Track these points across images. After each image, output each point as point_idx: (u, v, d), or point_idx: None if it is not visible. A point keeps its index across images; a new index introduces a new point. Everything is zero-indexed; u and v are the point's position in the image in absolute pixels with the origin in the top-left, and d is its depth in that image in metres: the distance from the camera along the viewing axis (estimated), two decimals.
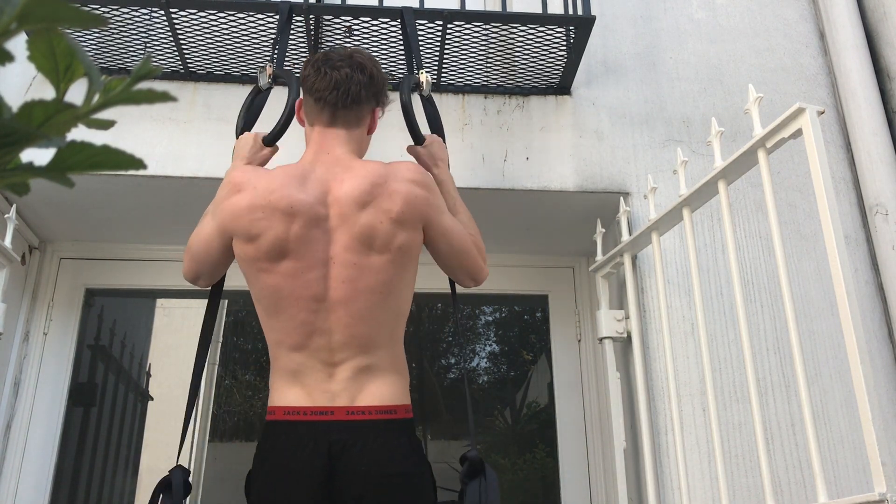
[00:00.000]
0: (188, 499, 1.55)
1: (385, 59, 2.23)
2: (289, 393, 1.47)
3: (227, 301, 2.59)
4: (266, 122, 1.90)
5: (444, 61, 2.21)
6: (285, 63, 2.06)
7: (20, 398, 2.30)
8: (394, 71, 2.27)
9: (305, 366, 1.47)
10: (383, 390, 1.47)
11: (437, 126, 1.89)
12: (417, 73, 1.88)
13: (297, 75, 1.77)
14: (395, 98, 1.81)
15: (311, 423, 1.43)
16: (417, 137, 1.81)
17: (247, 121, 1.86)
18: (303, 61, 2.20)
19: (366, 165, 1.53)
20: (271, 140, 1.77)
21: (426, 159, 1.79)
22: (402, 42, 2.11)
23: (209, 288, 1.71)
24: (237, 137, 1.84)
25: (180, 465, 1.57)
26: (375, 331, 1.49)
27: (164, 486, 1.52)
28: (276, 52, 1.95)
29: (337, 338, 1.47)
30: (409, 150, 1.82)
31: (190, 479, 1.56)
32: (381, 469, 1.41)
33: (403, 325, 1.57)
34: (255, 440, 1.52)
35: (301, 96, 1.68)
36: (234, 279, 1.70)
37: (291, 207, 1.46)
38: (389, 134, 2.07)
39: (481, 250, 1.69)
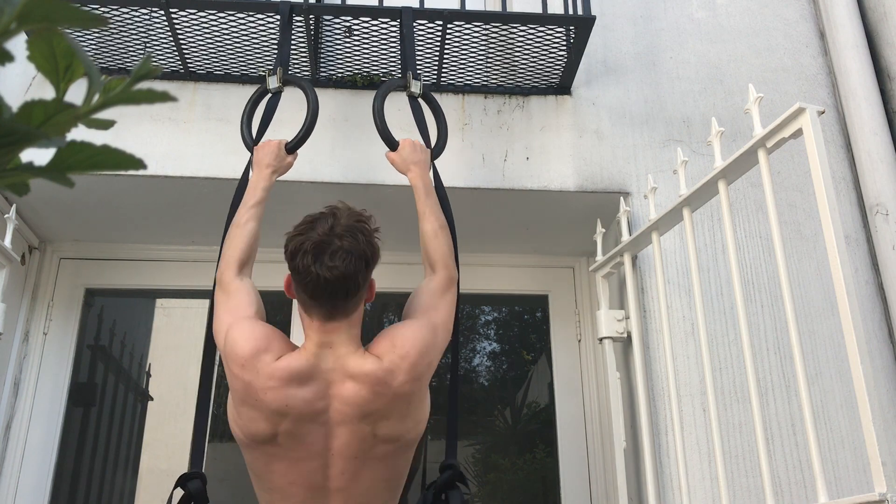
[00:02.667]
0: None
1: (385, 59, 2.23)
2: None
3: None
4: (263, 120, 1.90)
5: (444, 61, 2.21)
6: (288, 64, 2.05)
7: (20, 398, 2.30)
8: (394, 72, 2.27)
9: None
10: None
11: (421, 127, 1.93)
12: (406, 75, 1.93)
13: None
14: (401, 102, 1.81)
15: None
16: (390, 143, 1.86)
17: (261, 126, 1.90)
18: (303, 63, 2.21)
19: (363, 366, 1.43)
20: (293, 148, 1.83)
21: (399, 165, 1.84)
22: (401, 43, 2.11)
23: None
24: (247, 142, 1.87)
25: (200, 473, 1.60)
26: (376, 500, 1.48)
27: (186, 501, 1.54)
28: (282, 55, 1.96)
29: None
30: (386, 156, 1.88)
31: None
32: None
33: (399, 496, 1.55)
34: None
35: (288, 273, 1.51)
36: None
37: (286, 407, 1.40)
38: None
39: (449, 272, 1.68)
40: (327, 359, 1.44)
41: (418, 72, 2.03)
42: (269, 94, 1.94)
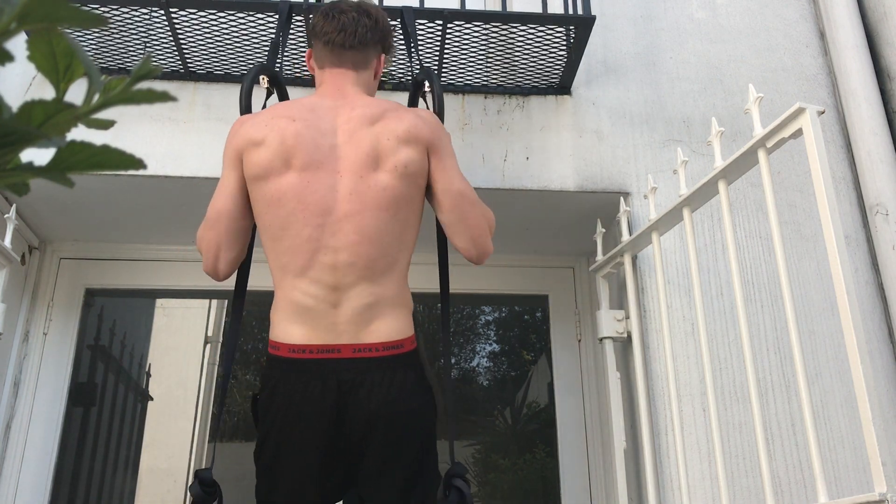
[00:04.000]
0: (188, 499, 1.56)
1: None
2: (293, 329, 1.46)
3: (226, 301, 2.59)
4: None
5: (444, 61, 2.21)
6: (285, 62, 2.05)
7: (20, 398, 2.30)
8: (394, 71, 2.27)
9: (309, 295, 1.46)
10: (389, 325, 1.47)
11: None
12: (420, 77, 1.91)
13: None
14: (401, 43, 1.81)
15: (317, 362, 1.43)
16: None
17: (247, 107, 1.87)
18: (303, 63, 2.20)
19: (373, 101, 1.61)
20: None
21: None
22: (402, 42, 2.11)
23: (226, 281, 1.68)
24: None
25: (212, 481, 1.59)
26: (381, 253, 1.48)
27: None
28: (279, 54, 1.95)
29: (343, 257, 1.46)
30: None
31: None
32: (389, 408, 1.43)
33: (409, 256, 1.56)
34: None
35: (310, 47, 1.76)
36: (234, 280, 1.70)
37: (293, 120, 1.53)
38: None
39: (490, 220, 1.65)
40: (333, 95, 1.60)
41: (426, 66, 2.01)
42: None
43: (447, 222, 1.59)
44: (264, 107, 1.87)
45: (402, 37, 2.03)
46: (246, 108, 1.81)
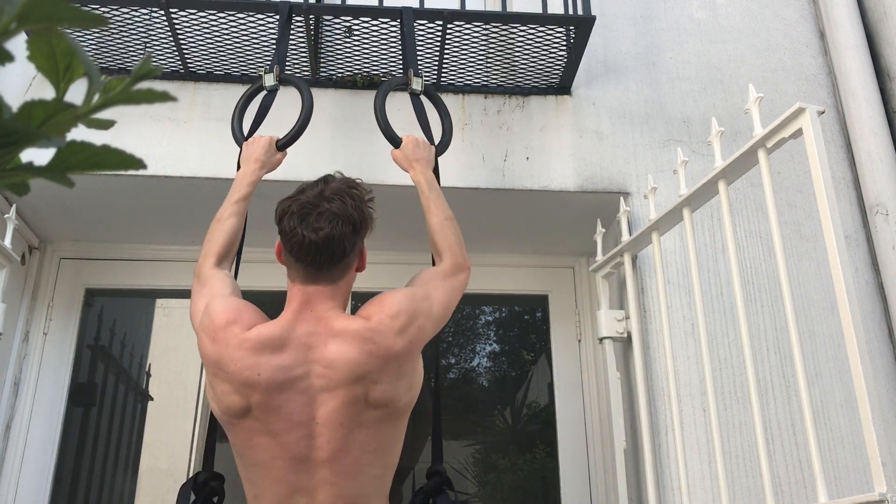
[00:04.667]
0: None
1: (385, 59, 2.23)
2: None
3: None
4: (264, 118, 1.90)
5: (444, 61, 2.21)
6: (286, 64, 2.05)
7: (20, 398, 2.30)
8: (394, 71, 2.27)
9: None
10: None
11: (423, 124, 1.91)
12: (407, 72, 1.92)
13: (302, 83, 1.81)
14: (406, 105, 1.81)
15: None
16: (393, 141, 1.84)
17: (254, 123, 1.88)
18: (303, 63, 2.21)
19: (349, 327, 1.39)
20: (284, 145, 1.80)
21: (402, 162, 1.81)
22: (401, 42, 2.11)
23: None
24: (238, 137, 1.85)
25: (217, 472, 1.59)
26: (364, 488, 1.38)
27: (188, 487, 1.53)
28: (279, 53, 1.95)
29: (321, 496, 1.35)
30: (391, 154, 1.84)
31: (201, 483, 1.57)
32: None
33: (393, 475, 1.46)
34: None
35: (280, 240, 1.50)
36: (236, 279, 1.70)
37: (258, 376, 1.34)
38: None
39: (459, 264, 1.64)
40: (306, 321, 1.39)
41: (420, 69, 2.03)
42: (265, 92, 1.93)
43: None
44: (261, 108, 1.88)
45: (401, 37, 2.04)
46: (239, 130, 1.83)
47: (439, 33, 2.11)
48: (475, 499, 2.54)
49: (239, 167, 1.79)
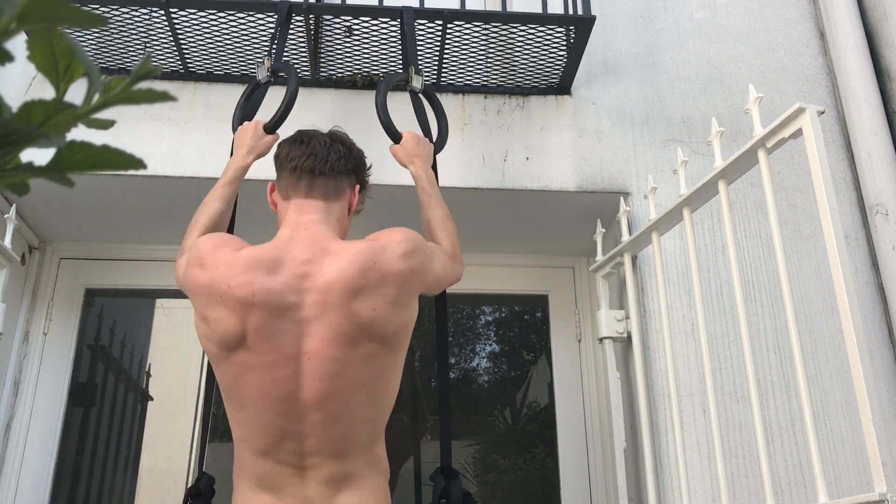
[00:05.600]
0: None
1: (385, 59, 2.23)
2: (256, 500, 1.34)
3: None
4: (264, 116, 1.89)
5: (444, 61, 2.21)
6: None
7: (20, 398, 2.30)
8: (394, 71, 2.27)
9: (274, 472, 1.33)
10: (361, 499, 1.34)
11: (422, 122, 1.92)
12: (408, 70, 1.92)
13: (292, 70, 1.81)
14: (404, 102, 1.81)
15: None
16: (393, 136, 1.84)
17: (245, 114, 1.88)
18: (303, 63, 2.21)
19: (349, 247, 1.37)
20: (272, 128, 1.80)
21: (402, 157, 1.81)
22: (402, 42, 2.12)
23: None
24: (234, 131, 1.86)
25: (206, 472, 1.61)
26: (355, 433, 1.34)
27: (192, 493, 1.54)
28: (273, 47, 1.96)
29: (310, 442, 1.32)
30: (390, 149, 1.85)
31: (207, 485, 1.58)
32: None
33: (387, 419, 1.42)
34: None
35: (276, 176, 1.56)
36: None
37: (253, 296, 1.30)
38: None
39: (457, 257, 1.65)
40: (300, 242, 1.37)
41: (420, 67, 2.03)
42: (260, 87, 1.93)
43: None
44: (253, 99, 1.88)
45: (401, 37, 2.04)
46: (238, 122, 1.84)
47: (439, 33, 2.11)
48: (476, 499, 2.54)
49: None
